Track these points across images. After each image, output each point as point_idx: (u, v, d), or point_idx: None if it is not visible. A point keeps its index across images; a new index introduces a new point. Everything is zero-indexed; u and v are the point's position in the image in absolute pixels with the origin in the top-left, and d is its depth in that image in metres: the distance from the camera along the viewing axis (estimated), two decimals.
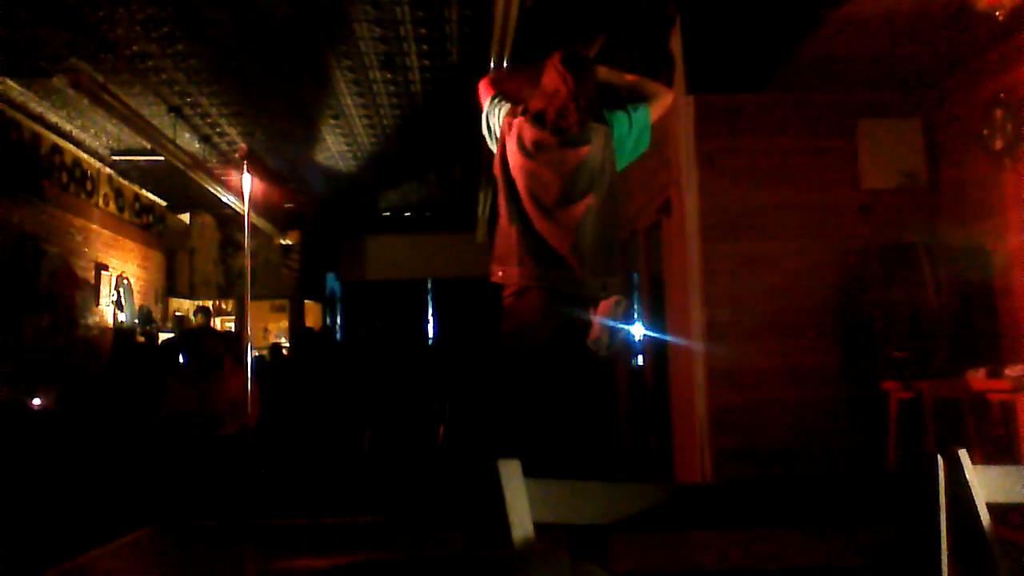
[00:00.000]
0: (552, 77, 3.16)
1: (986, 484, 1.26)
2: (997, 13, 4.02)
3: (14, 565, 3.90)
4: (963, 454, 1.27)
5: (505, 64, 5.77)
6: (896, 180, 5.48)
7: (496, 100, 3.37)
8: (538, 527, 1.06)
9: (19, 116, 7.86)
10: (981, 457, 4.05)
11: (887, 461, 4.71)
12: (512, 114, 3.25)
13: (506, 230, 3.13)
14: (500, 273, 3.12)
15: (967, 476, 1.24)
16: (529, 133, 3.16)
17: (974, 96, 5.05)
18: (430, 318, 13.78)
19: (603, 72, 3.37)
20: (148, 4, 5.86)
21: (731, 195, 5.40)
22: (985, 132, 4.91)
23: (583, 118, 3.13)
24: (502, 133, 3.24)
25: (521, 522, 1.02)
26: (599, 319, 2.96)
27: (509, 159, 3.18)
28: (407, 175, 10.87)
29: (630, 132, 3.21)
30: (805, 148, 5.52)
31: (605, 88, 3.37)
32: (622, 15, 6.27)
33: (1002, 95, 4.77)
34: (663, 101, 3.37)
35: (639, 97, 3.38)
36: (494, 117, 3.33)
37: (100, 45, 6.48)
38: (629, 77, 3.46)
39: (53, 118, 8.27)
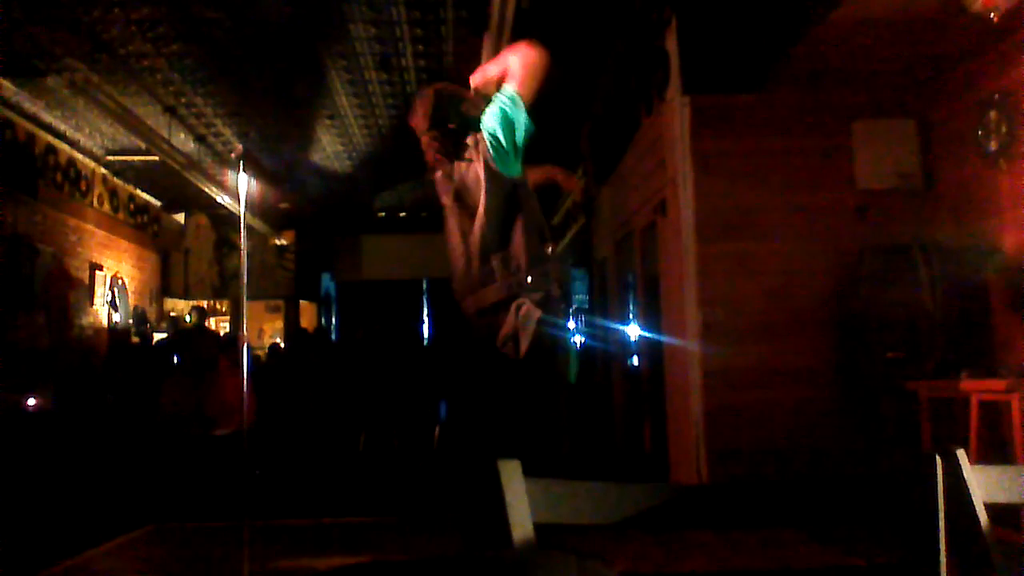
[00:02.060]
0: (417, 126, 3.32)
1: (984, 484, 1.27)
2: (992, 15, 4.03)
3: (12, 565, 3.89)
4: (961, 454, 1.27)
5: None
6: (891, 181, 5.50)
7: None
8: (537, 527, 1.06)
9: (14, 116, 7.85)
10: (977, 457, 4.06)
11: (885, 461, 4.72)
12: None
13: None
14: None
15: (965, 476, 1.25)
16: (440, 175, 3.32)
17: (969, 97, 5.06)
18: (425, 319, 13.78)
19: (476, 81, 3.33)
20: (143, 4, 5.85)
21: (727, 196, 5.40)
22: (980, 133, 4.92)
23: (442, 147, 3.25)
24: None
25: (521, 522, 1.02)
26: (510, 322, 3.00)
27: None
28: (403, 175, 10.87)
29: (501, 123, 3.04)
30: (800, 149, 5.53)
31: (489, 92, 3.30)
32: (618, 16, 6.28)
33: (997, 96, 4.79)
34: (523, 63, 3.11)
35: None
36: None
37: (95, 45, 6.47)
38: (498, 70, 3.21)
39: (48, 118, 8.25)
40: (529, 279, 3.03)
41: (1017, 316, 4.51)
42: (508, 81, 3.08)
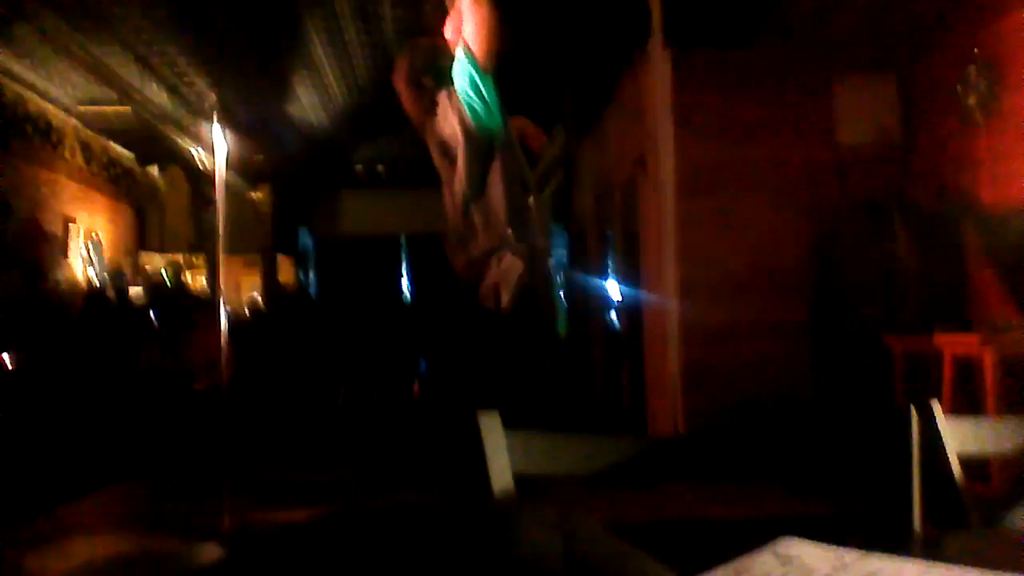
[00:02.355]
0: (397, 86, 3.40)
1: (957, 435, 1.28)
2: None
3: None
4: (935, 405, 1.28)
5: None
6: (871, 137, 5.50)
7: None
8: (517, 478, 1.06)
9: None
10: (951, 410, 4.12)
11: (860, 413, 4.79)
12: None
13: None
14: None
15: (939, 427, 1.26)
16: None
17: (949, 53, 5.05)
18: (406, 274, 13.74)
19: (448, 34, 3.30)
20: None
21: (706, 151, 5.39)
22: (959, 89, 4.92)
23: (421, 103, 3.30)
24: None
25: (501, 472, 1.02)
26: (492, 275, 3.02)
27: None
28: (381, 129, 10.74)
29: (470, 85, 3.05)
30: (781, 105, 5.51)
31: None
32: None
33: (976, 53, 4.78)
34: (477, 26, 3.05)
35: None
36: None
37: None
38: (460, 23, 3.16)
39: (16, 68, 8.06)
40: (509, 231, 3.04)
41: (992, 272, 4.56)
42: (467, 42, 3.06)
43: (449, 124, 3.14)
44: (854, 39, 5.40)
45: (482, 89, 3.04)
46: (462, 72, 3.04)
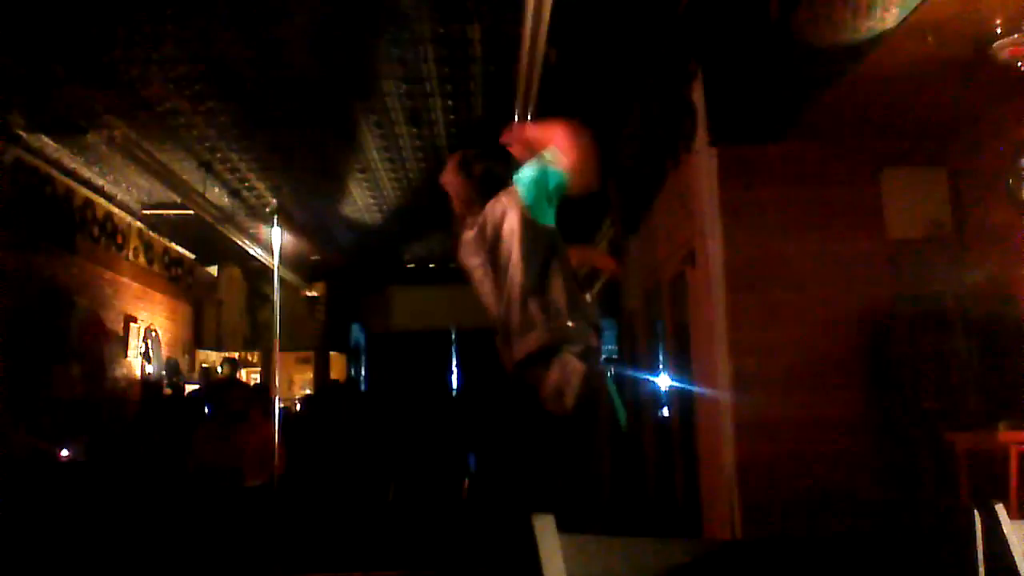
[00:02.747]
0: (447, 179, 3.46)
1: None
2: (1020, 64, 4.03)
3: None
4: (1000, 508, 1.25)
5: (529, 119, 5.83)
6: (922, 229, 5.45)
7: None
8: None
9: (53, 171, 8.04)
10: (1018, 511, 3.96)
11: (922, 514, 4.62)
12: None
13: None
14: None
15: (1005, 531, 1.23)
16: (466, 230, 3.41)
17: (999, 144, 5.03)
18: (454, 369, 13.76)
19: (513, 140, 3.38)
20: (180, 63, 6.01)
21: (756, 245, 5.39)
22: (1010, 180, 4.89)
23: (468, 196, 3.37)
24: None
25: None
26: (554, 379, 3.00)
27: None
28: (432, 227, 10.97)
29: (537, 176, 3.11)
30: (830, 197, 5.51)
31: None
32: (644, 69, 6.36)
33: None
34: (579, 153, 3.14)
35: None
36: None
37: (133, 102, 6.64)
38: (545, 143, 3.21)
39: (86, 173, 8.45)
40: (571, 324, 3.05)
41: None
42: (559, 155, 3.11)
43: (508, 221, 3.17)
44: (903, 132, 5.40)
45: (550, 189, 3.10)
46: (536, 170, 3.10)
